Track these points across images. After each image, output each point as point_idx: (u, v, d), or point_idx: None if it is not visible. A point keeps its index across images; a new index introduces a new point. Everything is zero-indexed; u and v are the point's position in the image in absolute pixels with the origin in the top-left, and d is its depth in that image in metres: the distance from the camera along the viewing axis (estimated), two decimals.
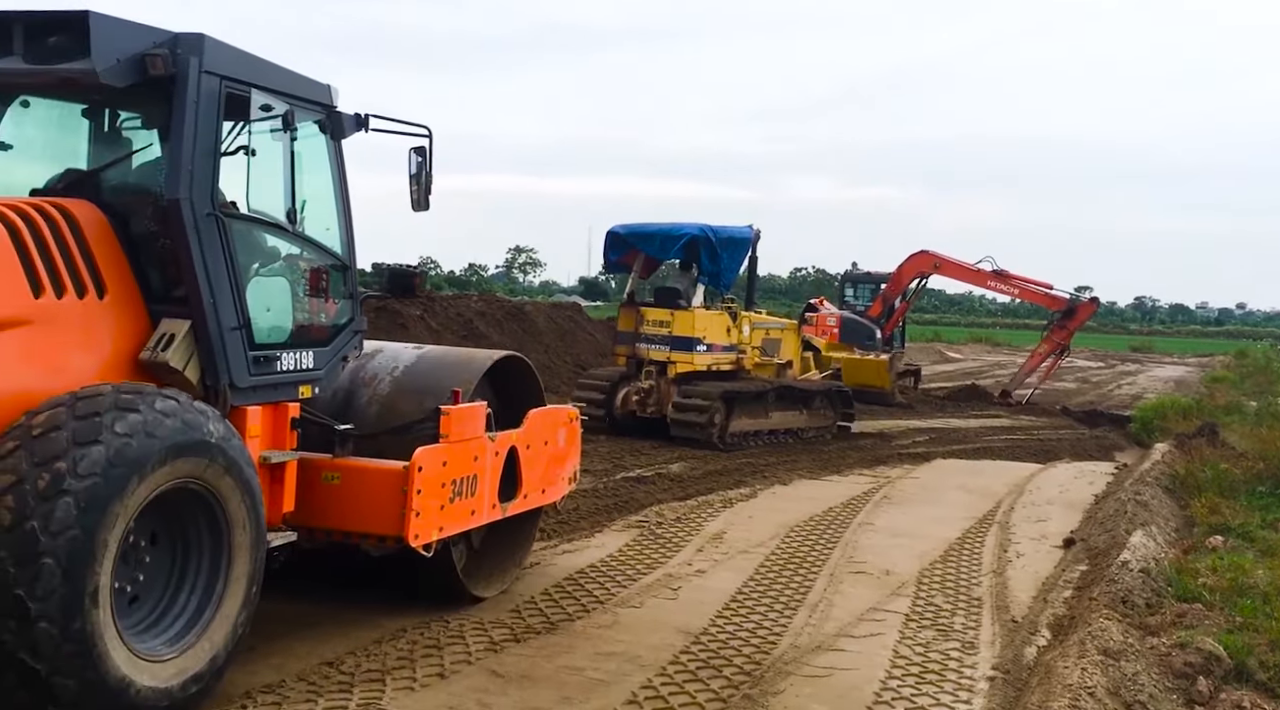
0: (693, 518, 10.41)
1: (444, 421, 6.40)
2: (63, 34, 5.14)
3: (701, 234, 15.25)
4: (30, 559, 4.22)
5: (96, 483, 4.38)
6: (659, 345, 15.30)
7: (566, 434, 7.92)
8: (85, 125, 5.94)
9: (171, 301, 5.42)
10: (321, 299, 6.30)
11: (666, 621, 7.04)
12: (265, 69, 5.84)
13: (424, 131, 6.67)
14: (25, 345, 4.81)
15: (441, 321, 22.17)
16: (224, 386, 5.49)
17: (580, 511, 10.26)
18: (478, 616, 6.85)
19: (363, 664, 5.87)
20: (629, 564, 8.49)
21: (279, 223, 5.97)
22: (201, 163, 5.37)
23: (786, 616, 7.32)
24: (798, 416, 16.53)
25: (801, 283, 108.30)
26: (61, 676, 4.28)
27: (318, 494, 6.11)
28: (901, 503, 11.96)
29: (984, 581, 8.58)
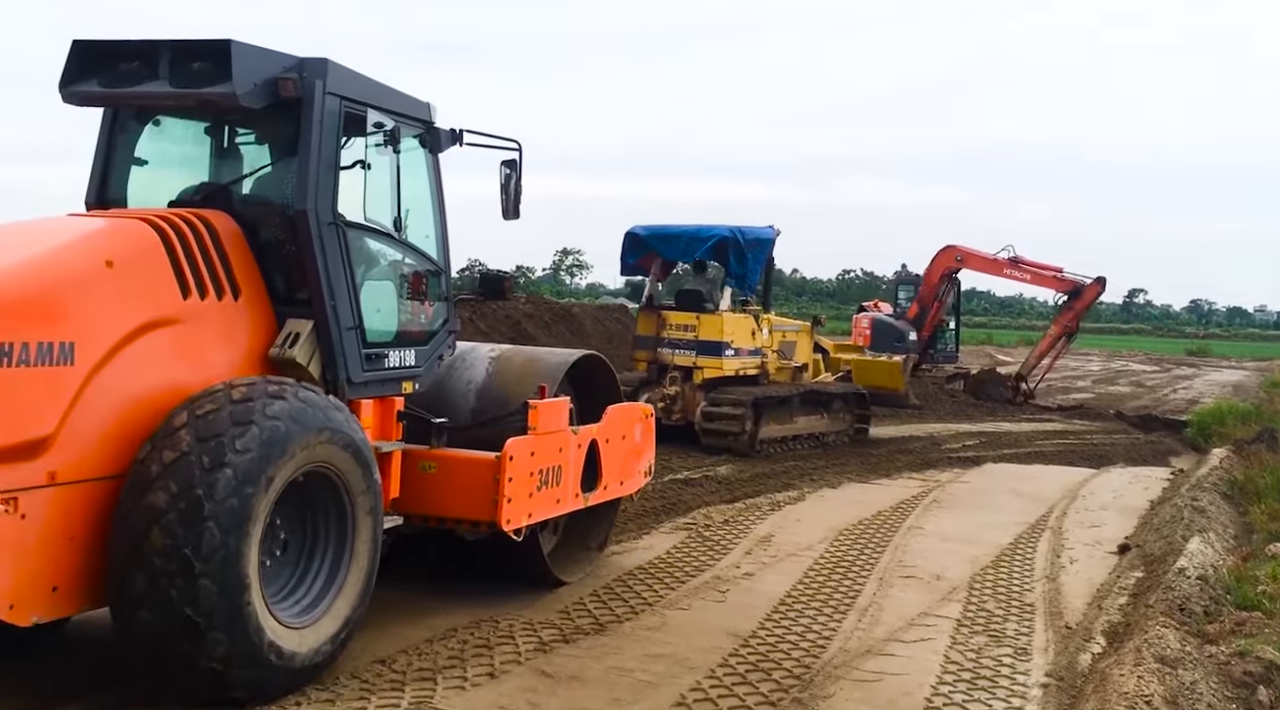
0: (741, 520, 10.39)
1: (532, 414, 6.87)
2: (206, 60, 5.67)
3: (731, 235, 15.00)
4: (196, 521, 4.76)
5: (252, 457, 4.93)
6: (684, 350, 14.82)
7: (642, 429, 8.35)
8: (209, 142, 6.46)
9: (294, 303, 5.93)
10: (422, 301, 6.78)
11: (715, 624, 7.04)
12: (377, 89, 6.34)
13: (514, 145, 7.12)
14: (175, 342, 5.34)
15: (490, 324, 22.31)
16: (342, 381, 5.99)
17: (628, 513, 10.25)
18: (527, 617, 6.90)
19: (414, 662, 5.94)
20: (677, 566, 8.49)
21: (387, 231, 6.45)
22: (325, 176, 5.88)
23: (836, 620, 7.29)
24: (819, 421, 16.22)
25: (849, 285, 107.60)
26: (216, 631, 4.84)
27: (415, 482, 6.61)
28: (952, 507, 11.85)
29: (1037, 587, 8.48)
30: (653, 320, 15.11)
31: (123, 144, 6.30)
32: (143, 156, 6.35)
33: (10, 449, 4.56)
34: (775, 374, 15.92)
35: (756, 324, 15.47)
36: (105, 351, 4.95)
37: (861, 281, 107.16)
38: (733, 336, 14.91)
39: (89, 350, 4.88)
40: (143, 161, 6.35)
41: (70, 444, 4.80)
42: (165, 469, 4.85)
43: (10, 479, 4.55)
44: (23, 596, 4.66)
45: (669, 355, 14.91)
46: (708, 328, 14.75)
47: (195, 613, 4.80)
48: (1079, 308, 24.70)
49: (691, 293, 15.29)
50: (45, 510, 4.71)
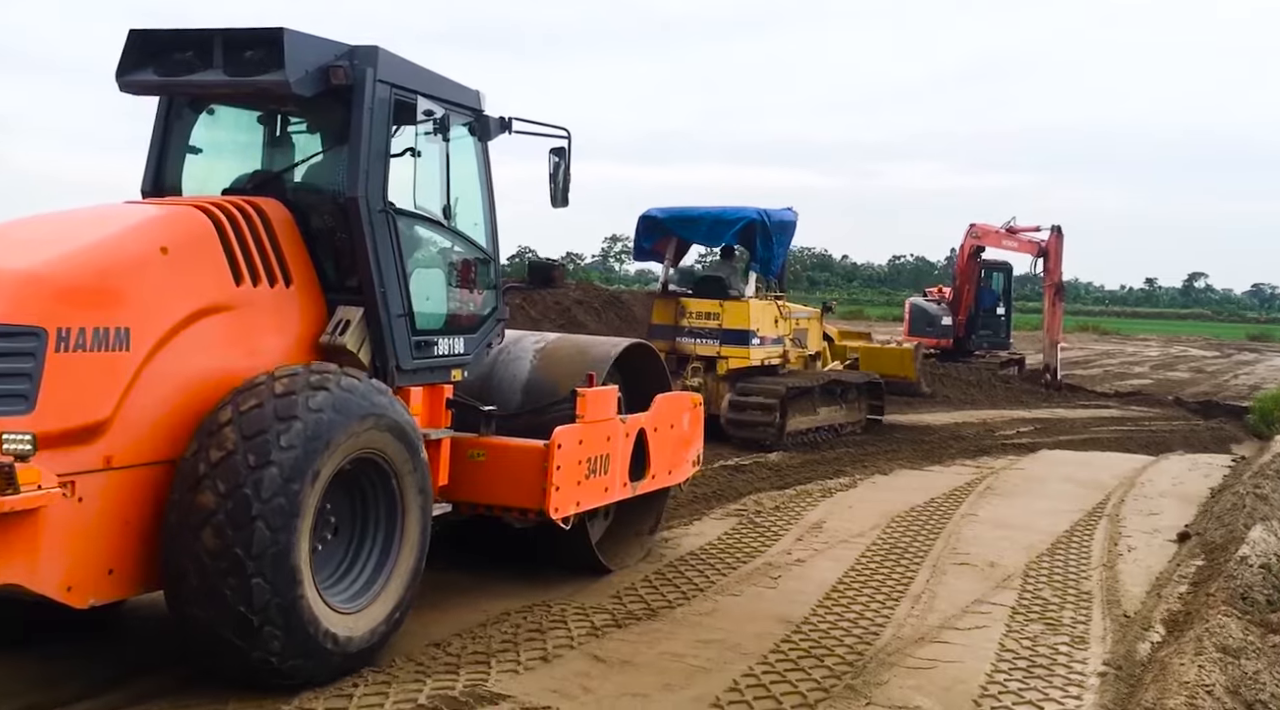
0: (792, 507, 10.36)
1: (580, 403, 6.86)
2: (259, 49, 5.70)
3: (758, 218, 14.15)
4: (245, 521, 4.80)
5: (298, 453, 4.96)
6: (706, 339, 14.02)
7: (691, 418, 8.31)
8: (262, 130, 6.51)
9: (345, 290, 5.96)
10: (471, 289, 6.78)
11: (767, 610, 7.03)
12: (427, 77, 6.33)
13: (563, 133, 7.09)
14: (228, 329, 5.39)
15: (540, 310, 22.37)
16: (391, 368, 6.01)
17: (679, 499, 10.25)
18: (579, 601, 6.94)
19: (468, 646, 5.99)
20: (728, 552, 8.48)
21: (437, 218, 6.45)
22: (375, 164, 5.89)
23: (889, 607, 7.24)
24: (838, 411, 15.49)
25: (900, 271, 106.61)
26: (271, 626, 4.88)
27: (464, 470, 6.63)
28: (1006, 494, 11.73)
29: (1094, 575, 8.38)
30: (670, 308, 14.32)
31: (178, 133, 6.36)
32: (197, 145, 6.41)
33: (68, 433, 4.61)
34: (793, 362, 15.32)
35: (779, 311, 14.87)
36: (160, 337, 5.01)
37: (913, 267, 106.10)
38: (758, 324, 14.20)
39: (145, 336, 4.93)
40: (197, 150, 6.41)
41: (126, 429, 4.85)
42: (212, 468, 4.87)
43: (68, 463, 4.61)
44: (80, 579, 4.73)
45: (690, 345, 14.11)
46: (733, 315, 13.98)
47: (249, 610, 4.83)
48: (1054, 264, 24.48)
49: (712, 279, 14.61)
50: (102, 494, 4.77)
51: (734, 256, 15.03)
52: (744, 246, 14.80)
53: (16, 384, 4.50)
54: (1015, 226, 25.06)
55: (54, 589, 4.63)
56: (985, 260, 26.81)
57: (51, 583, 4.61)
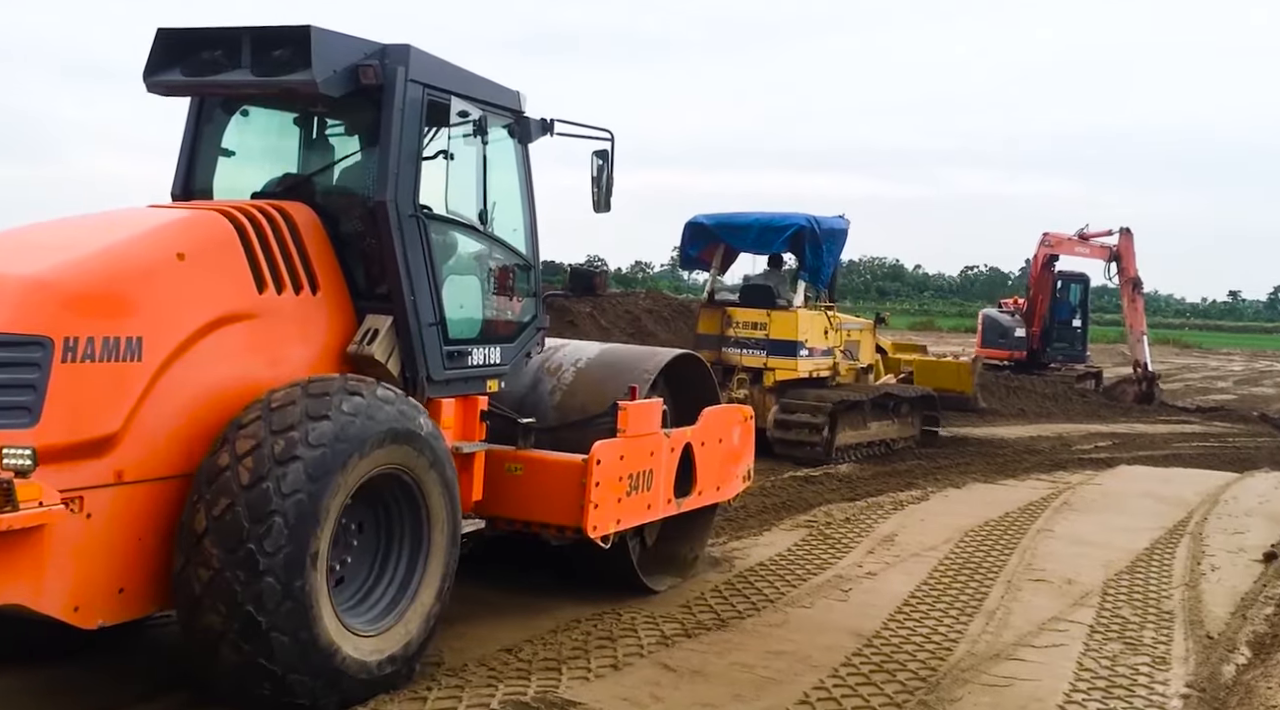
0: (862, 519, 10.25)
1: (621, 417, 6.58)
2: (286, 47, 5.49)
3: (808, 225, 13.72)
4: (263, 516, 4.57)
5: (324, 452, 4.73)
6: (753, 350, 13.62)
7: (741, 432, 7.99)
8: (296, 133, 6.32)
9: (375, 298, 5.73)
10: (508, 297, 6.53)
11: (837, 623, 6.96)
12: (463, 77, 6.10)
13: (606, 135, 6.83)
14: (250, 338, 5.18)
15: (610, 319, 22.48)
16: (421, 379, 5.76)
17: (748, 509, 10.25)
18: (649, 610, 6.93)
19: (539, 652, 6.02)
20: (798, 563, 8.42)
21: (472, 224, 6.21)
22: (406, 167, 5.66)
23: (962, 623, 7.13)
24: (890, 426, 14.98)
25: (973, 281, 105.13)
26: (279, 632, 4.60)
27: (501, 484, 6.37)
28: (1084, 510, 11.49)
29: (1175, 594, 8.17)
30: (716, 317, 13.94)
31: (209, 135, 6.18)
32: (229, 147, 6.23)
33: (75, 447, 4.40)
34: (844, 375, 14.90)
35: (829, 321, 14.46)
36: (175, 347, 4.79)
37: (985, 277, 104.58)
38: (807, 335, 13.80)
39: (158, 345, 4.72)
40: (229, 152, 6.23)
41: (139, 442, 4.63)
42: (236, 459, 4.67)
43: (75, 477, 4.39)
44: (88, 599, 4.51)
45: (735, 355, 13.71)
46: (780, 326, 13.59)
47: (258, 611, 4.57)
48: (1127, 262, 23.91)
49: (759, 288, 14.24)
50: (112, 510, 4.56)
51: (782, 265, 14.71)
52: (793, 254, 14.40)
53: (19, 396, 4.29)
54: (1087, 232, 24.64)
55: (60, 609, 4.42)
56: (1062, 271, 26.34)
57: (57, 603, 4.39)
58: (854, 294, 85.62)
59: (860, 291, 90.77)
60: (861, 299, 79.92)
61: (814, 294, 14.52)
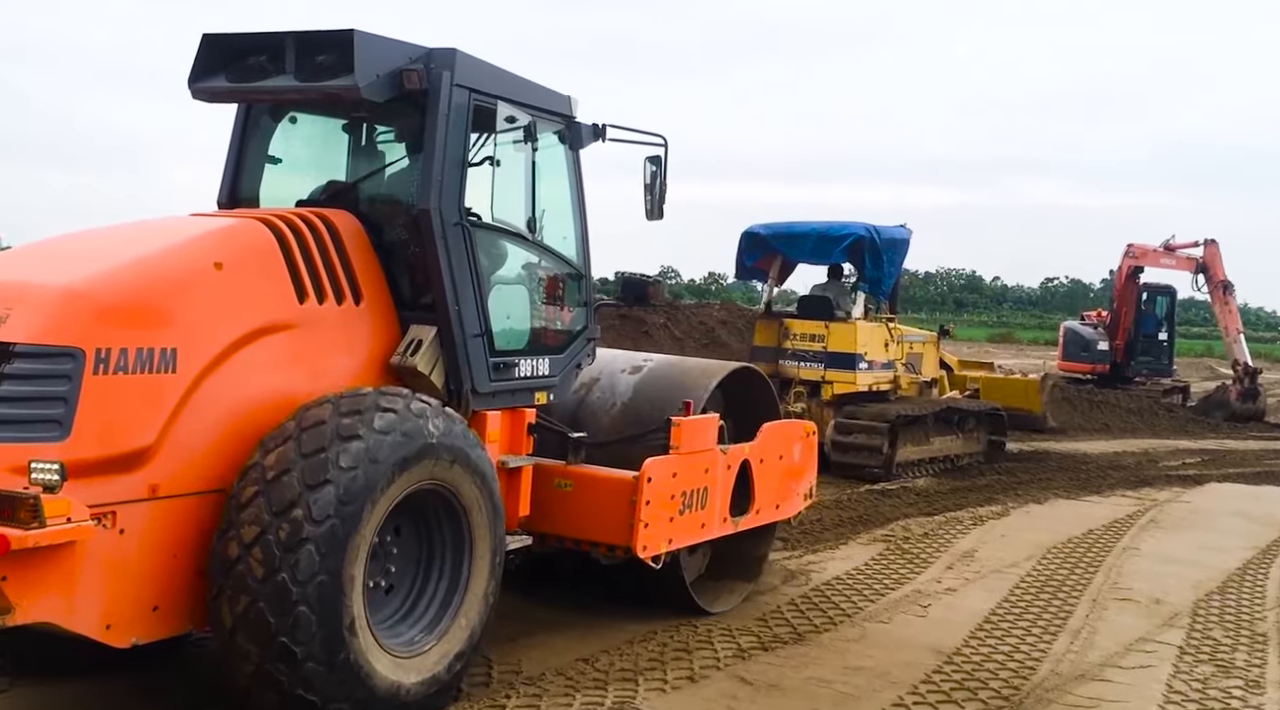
0: (941, 534, 10.10)
1: (674, 432, 6.35)
2: (330, 52, 5.36)
3: (867, 234, 13.40)
4: (294, 545, 4.43)
5: (356, 474, 4.57)
6: (811, 363, 13.32)
7: (802, 449, 7.72)
8: (345, 140, 6.20)
9: (419, 308, 5.59)
10: (558, 307, 6.35)
11: (916, 639, 6.87)
12: (511, 81, 5.95)
13: (659, 140, 6.63)
14: (290, 349, 5.03)
15: (684, 330, 22.50)
16: (466, 391, 5.60)
17: (824, 523, 10.18)
18: (725, 623, 6.90)
19: (616, 663, 6.02)
20: (876, 578, 8.32)
21: (520, 232, 6.05)
22: (450, 173, 5.51)
23: (1045, 641, 6.98)
24: (954, 441, 14.47)
25: (1053, 294, 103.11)
26: (315, 662, 4.47)
27: (551, 500, 6.18)
28: (1171, 528, 11.17)
29: (1269, 616, 7.89)
30: (773, 329, 13.66)
31: (256, 142, 6.08)
32: (276, 155, 6.12)
33: (107, 461, 4.28)
34: (905, 389, 14.36)
35: (889, 334, 14.02)
36: (212, 358, 4.66)
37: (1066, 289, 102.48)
38: (866, 348, 13.43)
39: (193, 357, 4.58)
40: (276, 160, 6.11)
41: (174, 456, 4.51)
42: (266, 485, 4.52)
43: (107, 492, 4.28)
44: (121, 616, 4.38)
45: (793, 368, 13.38)
46: (838, 338, 13.26)
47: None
48: (1215, 270, 23.24)
49: (817, 299, 13.93)
50: (146, 525, 4.44)
51: (842, 275, 14.37)
52: (852, 265, 14.08)
53: (50, 409, 4.18)
54: (1173, 243, 24.05)
55: (91, 627, 4.29)
56: (1147, 283, 25.71)
57: (89, 621, 4.27)
58: (930, 305, 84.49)
59: (936, 303, 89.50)
60: (938, 310, 78.81)
61: (874, 305, 14.20)
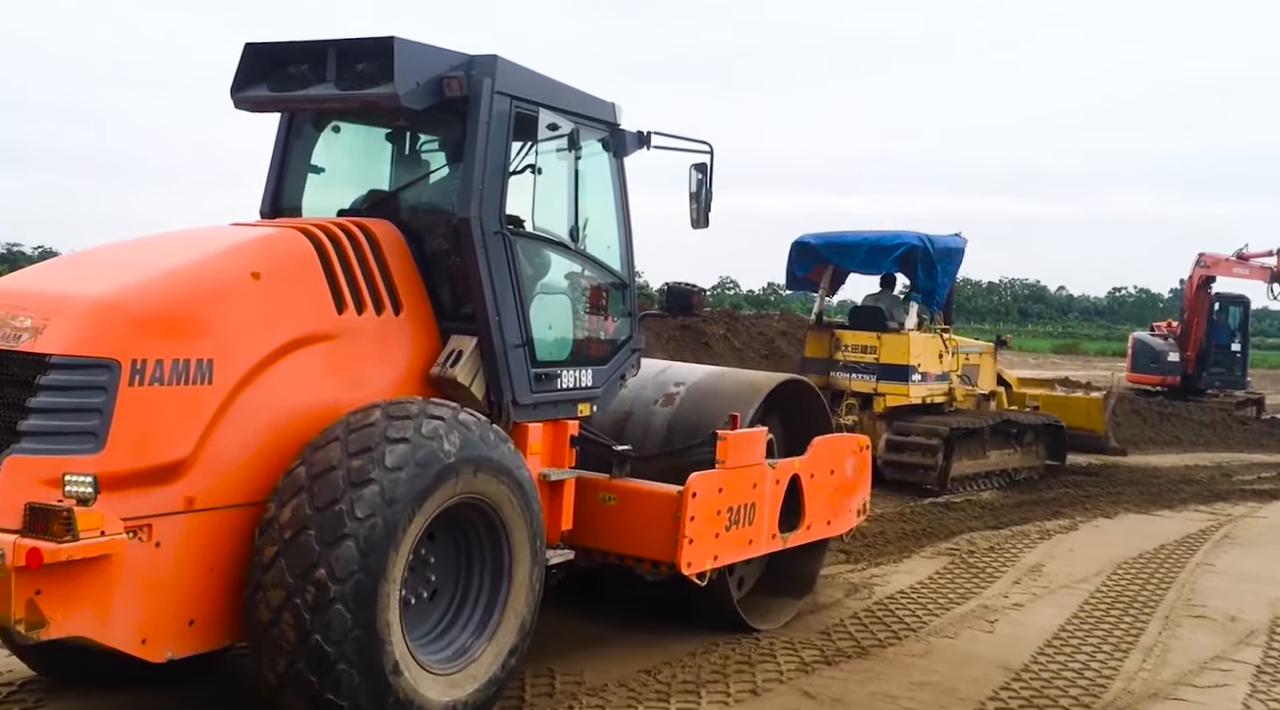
0: (1007, 548, 9.94)
1: (720, 446, 6.21)
2: (370, 60, 5.31)
3: (920, 244, 13.19)
4: (335, 540, 4.35)
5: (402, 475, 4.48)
6: (862, 374, 13.13)
7: (855, 463, 7.54)
8: (389, 149, 6.16)
9: (460, 318, 5.51)
10: (601, 317, 6.25)
11: (983, 654, 6.76)
12: (554, 88, 5.87)
13: (705, 147, 6.51)
14: (329, 360, 4.97)
15: (744, 340, 22.45)
16: (507, 403, 5.51)
17: (887, 536, 10.08)
18: (788, 636, 6.86)
19: (678, 675, 6.01)
20: (940, 592, 8.21)
21: (562, 241, 5.97)
22: (491, 182, 5.44)
23: (1117, 659, 6.83)
24: (1012, 455, 14.14)
25: (1121, 304, 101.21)
26: (347, 664, 4.35)
27: (594, 514, 6.06)
28: (1247, 543, 10.86)
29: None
30: (824, 340, 13.52)
31: (299, 151, 6.03)
32: (319, 164, 6.08)
33: (142, 473, 4.23)
34: (961, 401, 14.04)
35: (944, 344, 13.74)
36: (248, 369, 4.60)
37: (1135, 299, 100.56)
38: (919, 359, 13.16)
39: (230, 368, 4.53)
40: (319, 169, 6.07)
41: (210, 468, 4.45)
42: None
43: (143, 505, 4.23)
44: (156, 631, 4.32)
45: (844, 380, 13.21)
46: (891, 349, 13.05)
47: (325, 640, 4.32)
48: None
49: (869, 309, 13.75)
50: (182, 538, 4.37)
51: (895, 285, 14.15)
52: (906, 274, 13.83)
53: (85, 420, 4.13)
54: (1246, 252, 23.47)
55: (126, 642, 4.23)
56: (1220, 293, 25.08)
57: (124, 635, 4.21)
58: (993, 315, 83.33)
59: (1000, 313, 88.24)
60: (1001, 321, 77.69)
61: (928, 316, 13.94)
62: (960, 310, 14.99)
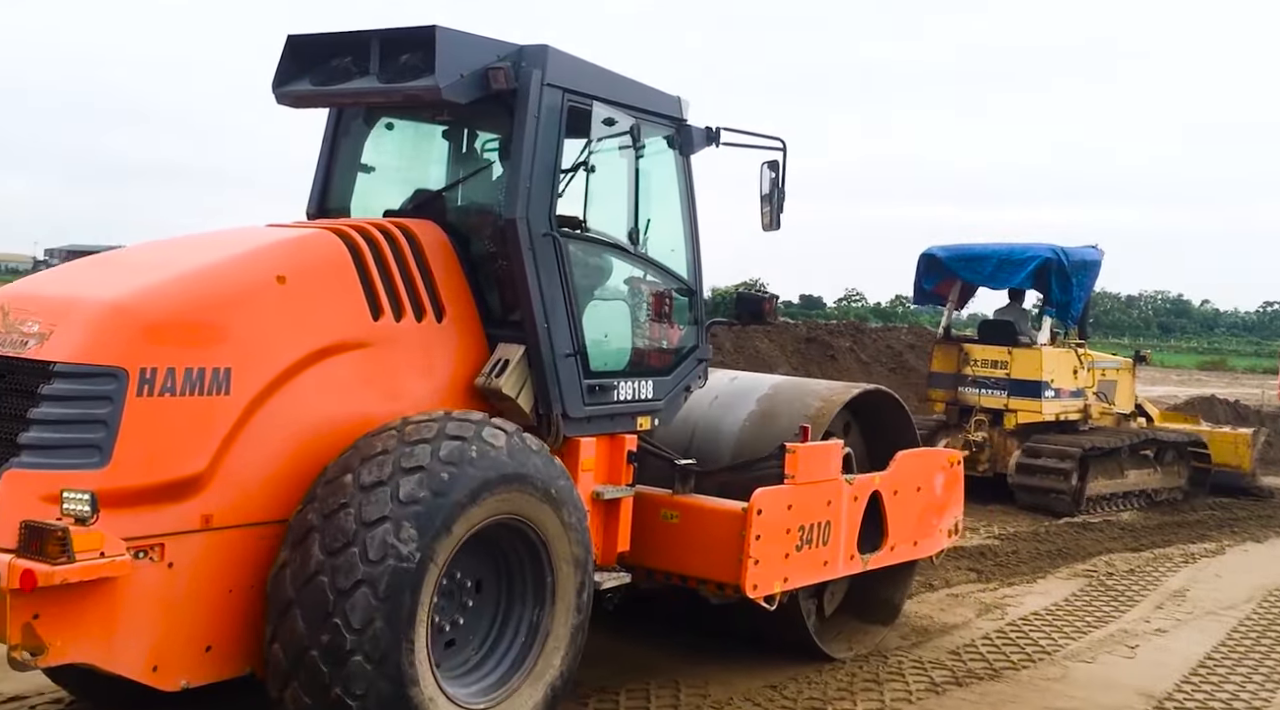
0: (1148, 571, 9.58)
1: (789, 460, 5.78)
2: (413, 51, 5.02)
3: (1054, 257, 12.83)
4: (348, 588, 4.07)
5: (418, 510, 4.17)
6: (993, 390, 12.79)
7: (945, 480, 7.01)
8: (444, 147, 5.85)
9: (509, 325, 5.18)
10: (664, 325, 5.87)
11: (1123, 681, 6.54)
12: (611, 81, 5.52)
13: (778, 143, 6.09)
14: (362, 369, 4.68)
15: (871, 354, 22.10)
16: (556, 415, 5.15)
17: (1020, 556, 9.84)
18: (916, 655, 6.74)
19: (804, 691, 5.95)
20: (1076, 615, 7.96)
21: (619, 243, 5.63)
22: (540, 180, 5.10)
23: (1269, 690, 6.52)
24: (1152, 475, 13.54)
25: (1272, 319, 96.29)
26: None
27: (657, 533, 5.70)
28: None
29: None
30: (953, 355, 13.19)
31: (347, 149, 5.75)
32: (369, 163, 5.78)
33: (152, 489, 3.97)
34: (1098, 418, 13.57)
35: (1078, 360, 13.31)
36: (271, 379, 4.31)
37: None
38: (1053, 375, 12.79)
39: (249, 377, 4.24)
40: (369, 168, 5.78)
41: (229, 484, 4.17)
42: (322, 519, 4.17)
43: (154, 523, 3.97)
44: (169, 657, 4.05)
45: (973, 395, 12.92)
46: (1023, 364, 12.69)
47: (347, 694, 4.02)
48: None
49: (999, 323, 13.38)
50: (197, 559, 4.11)
51: (1023, 298, 13.82)
52: (1038, 288, 13.44)
53: (89, 433, 3.88)
54: None
55: (135, 669, 3.96)
56: None
57: (132, 662, 3.95)
58: (1132, 330, 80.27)
59: (1139, 328, 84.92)
60: (1140, 336, 74.74)
61: (1061, 330, 13.55)
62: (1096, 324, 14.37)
